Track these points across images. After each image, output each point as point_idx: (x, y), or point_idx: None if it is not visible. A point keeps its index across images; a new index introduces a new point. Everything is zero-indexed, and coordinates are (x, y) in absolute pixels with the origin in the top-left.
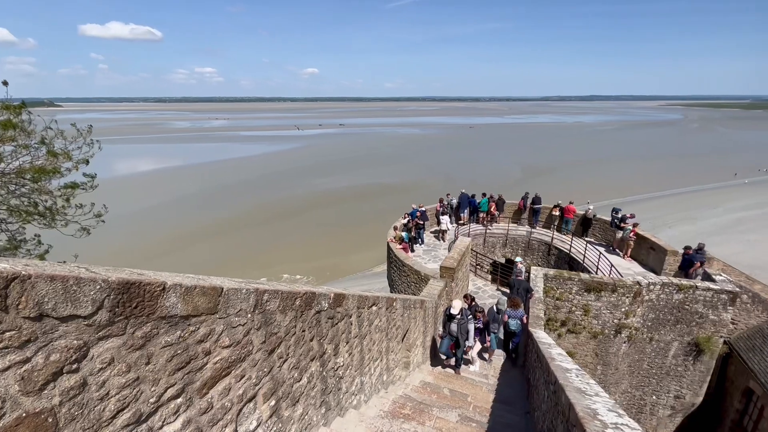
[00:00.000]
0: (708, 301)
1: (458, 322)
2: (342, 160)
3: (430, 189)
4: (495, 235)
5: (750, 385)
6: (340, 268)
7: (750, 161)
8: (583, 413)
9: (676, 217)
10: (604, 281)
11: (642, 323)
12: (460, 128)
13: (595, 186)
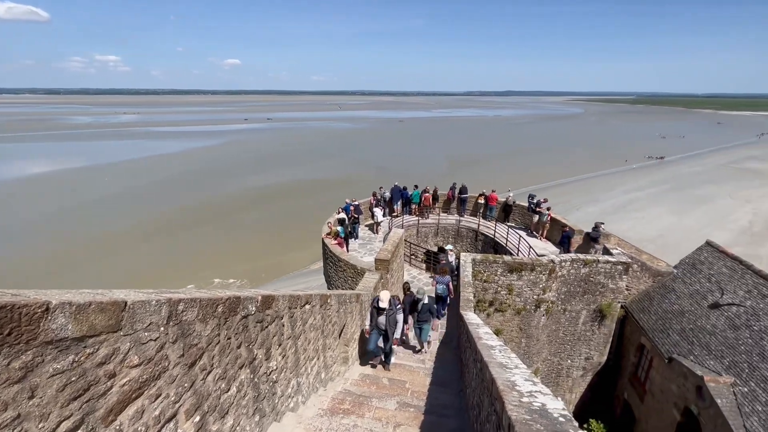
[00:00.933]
0: (607, 272)
1: (387, 314)
2: (272, 156)
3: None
4: (427, 225)
5: (642, 341)
6: (277, 268)
7: (637, 149)
8: (504, 386)
9: (582, 200)
10: (524, 262)
11: (557, 297)
12: (390, 122)
13: (514, 174)
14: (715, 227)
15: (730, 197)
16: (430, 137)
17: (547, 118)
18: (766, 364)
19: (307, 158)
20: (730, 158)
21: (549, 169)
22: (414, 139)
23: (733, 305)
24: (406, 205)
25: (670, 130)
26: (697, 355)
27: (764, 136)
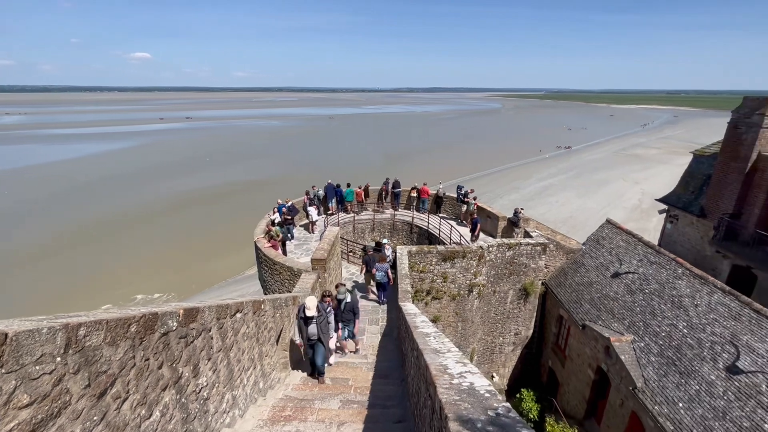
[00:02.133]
0: (529, 253)
1: (317, 322)
2: (195, 157)
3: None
4: (363, 221)
5: (560, 313)
6: (208, 276)
7: (548, 140)
8: (436, 371)
9: (505, 189)
10: (456, 250)
11: (487, 280)
12: (320, 119)
13: (443, 167)
14: (613, 207)
15: (623, 180)
16: (362, 133)
17: (471, 113)
18: (656, 321)
19: (235, 159)
20: (621, 146)
21: (475, 160)
22: (345, 135)
23: (629, 273)
24: (340, 202)
25: (574, 123)
26: (604, 320)
27: (646, 126)
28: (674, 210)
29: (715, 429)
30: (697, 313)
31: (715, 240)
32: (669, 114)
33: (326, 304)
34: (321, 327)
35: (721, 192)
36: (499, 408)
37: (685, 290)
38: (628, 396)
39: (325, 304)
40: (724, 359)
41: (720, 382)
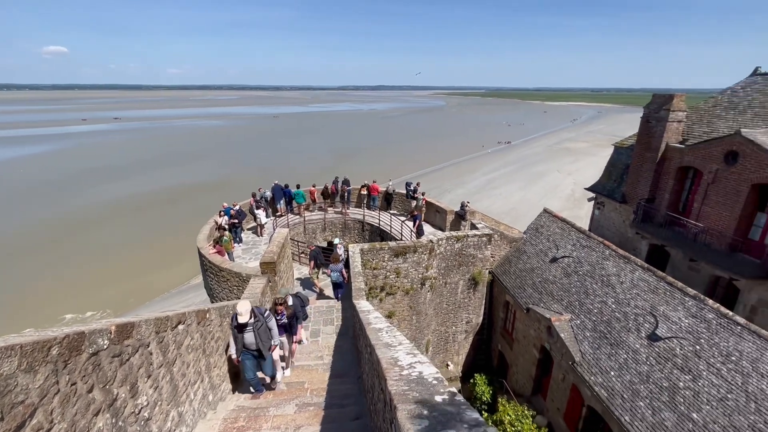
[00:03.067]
0: (476, 245)
1: (254, 328)
2: (127, 161)
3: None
4: (313, 221)
5: (507, 299)
6: (148, 289)
7: (490, 135)
8: (387, 364)
9: (452, 184)
10: (407, 245)
11: (438, 272)
12: (264, 118)
13: (392, 164)
14: (549, 197)
15: (557, 172)
16: (309, 132)
17: (417, 111)
18: (589, 299)
19: (173, 161)
20: (554, 140)
21: (423, 157)
22: (292, 134)
23: (565, 257)
24: (289, 203)
25: (512, 119)
26: (545, 302)
27: (575, 122)
28: (601, 197)
29: (641, 391)
30: (622, 290)
31: (634, 223)
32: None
33: (263, 309)
34: (260, 335)
35: (637, 180)
36: (445, 393)
37: (612, 270)
38: (569, 370)
39: (261, 308)
40: (645, 329)
41: (643, 350)
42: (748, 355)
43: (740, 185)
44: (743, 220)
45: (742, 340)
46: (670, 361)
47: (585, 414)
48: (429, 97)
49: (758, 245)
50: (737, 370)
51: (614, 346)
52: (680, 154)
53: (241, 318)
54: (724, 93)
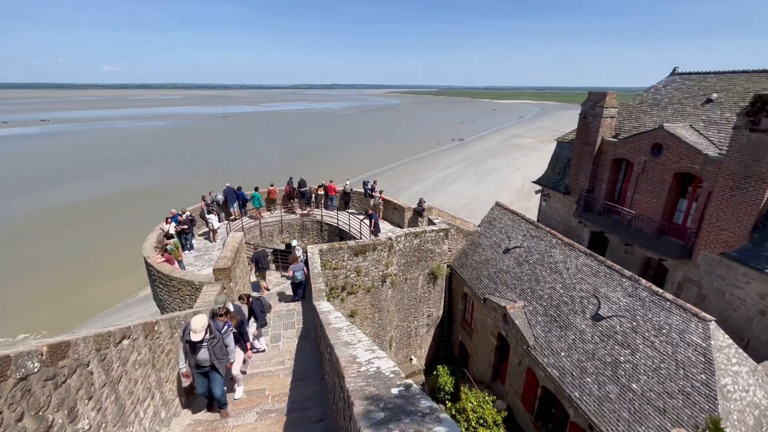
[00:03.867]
0: (434, 240)
1: (209, 345)
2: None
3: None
4: (270, 223)
5: (465, 290)
6: (91, 305)
7: (444, 133)
8: (346, 362)
9: (409, 181)
10: (367, 244)
11: (398, 269)
12: (213, 118)
13: (349, 164)
14: (501, 191)
15: (508, 167)
16: (261, 132)
17: (372, 110)
18: (539, 286)
19: (113, 166)
20: (504, 136)
21: (379, 155)
22: (243, 135)
23: (517, 248)
24: (243, 206)
25: (465, 117)
26: (500, 291)
27: (522, 119)
28: (546, 190)
29: (588, 368)
30: (568, 275)
31: (577, 212)
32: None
33: (221, 323)
34: (214, 351)
35: (578, 172)
36: (401, 386)
37: (559, 257)
38: (524, 354)
39: (219, 323)
40: (590, 310)
41: (588, 329)
42: (677, 327)
43: (665, 174)
44: (668, 205)
45: (671, 315)
46: (612, 338)
47: (540, 394)
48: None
49: (681, 228)
50: (668, 342)
51: (563, 328)
52: (614, 147)
53: (195, 336)
54: (649, 91)
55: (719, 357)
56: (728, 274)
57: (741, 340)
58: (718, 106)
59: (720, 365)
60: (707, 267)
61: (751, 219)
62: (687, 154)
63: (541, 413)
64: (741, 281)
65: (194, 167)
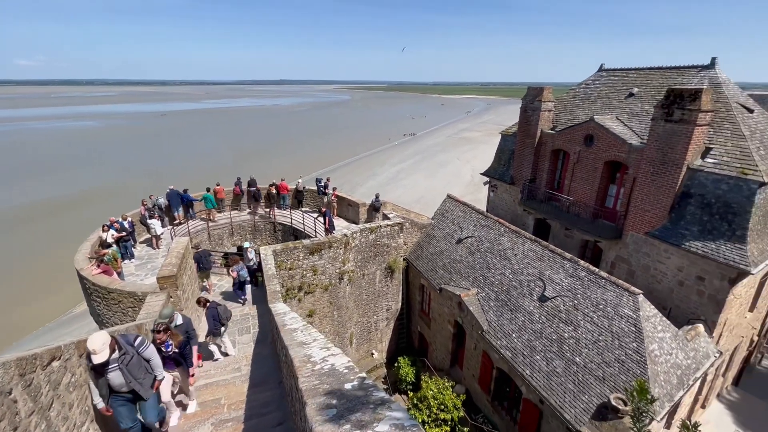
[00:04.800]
0: (389, 234)
1: (121, 365)
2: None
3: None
4: (219, 226)
5: (421, 282)
6: (16, 328)
7: (396, 128)
8: (300, 362)
9: (363, 177)
10: (322, 242)
11: (355, 265)
12: (150, 117)
13: (301, 161)
14: (453, 184)
15: (458, 160)
16: (206, 131)
17: (322, 105)
18: (491, 273)
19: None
20: (453, 130)
21: (332, 152)
22: (185, 134)
23: (468, 237)
24: (188, 209)
25: (415, 112)
26: (455, 281)
27: (469, 113)
28: (494, 181)
29: (537, 346)
30: (516, 261)
31: (521, 201)
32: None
33: (131, 336)
34: (131, 372)
35: (521, 163)
36: (354, 380)
37: (507, 244)
38: (479, 339)
39: (130, 335)
40: (536, 292)
41: (536, 311)
42: (611, 302)
43: (596, 163)
44: (600, 191)
45: (606, 291)
46: (557, 317)
47: (495, 375)
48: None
49: (612, 212)
50: (604, 316)
51: (513, 311)
52: (552, 139)
53: (97, 357)
54: (580, 86)
55: (647, 326)
56: (652, 251)
57: (664, 309)
58: (639, 100)
59: (648, 333)
60: (635, 246)
61: (669, 201)
62: (614, 143)
63: (497, 393)
64: (662, 257)
65: (132, 170)
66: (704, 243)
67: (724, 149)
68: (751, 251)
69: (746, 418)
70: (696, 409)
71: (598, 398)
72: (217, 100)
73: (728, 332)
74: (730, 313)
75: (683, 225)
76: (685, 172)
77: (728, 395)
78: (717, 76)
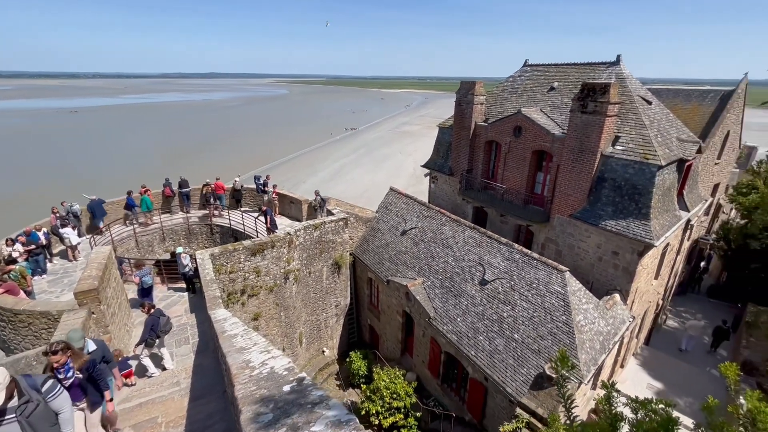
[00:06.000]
0: (334, 230)
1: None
2: None
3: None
4: (148, 232)
5: (369, 275)
6: None
7: (336, 123)
8: (237, 369)
9: (305, 173)
10: (264, 242)
11: (300, 263)
12: (57, 114)
13: (239, 159)
14: (396, 177)
15: (400, 153)
16: (127, 129)
17: (259, 100)
18: (435, 262)
19: None
20: (394, 124)
21: (272, 148)
22: (103, 133)
23: (412, 229)
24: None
25: (356, 106)
26: (401, 272)
27: (409, 107)
28: (434, 172)
29: (479, 327)
30: (458, 248)
31: (460, 191)
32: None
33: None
34: (31, 425)
35: (458, 154)
36: (293, 381)
37: (449, 233)
38: (426, 326)
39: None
40: (477, 277)
41: (477, 294)
42: (543, 280)
43: (525, 152)
44: (530, 179)
45: (538, 271)
46: (496, 298)
47: (443, 359)
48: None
49: (541, 197)
50: (538, 294)
51: (457, 297)
52: (485, 131)
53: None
54: (508, 80)
55: (573, 300)
56: (575, 231)
57: (587, 283)
58: (559, 93)
59: (574, 306)
60: (561, 227)
61: (587, 185)
62: (540, 134)
63: (446, 376)
64: (584, 236)
65: (40, 175)
66: (617, 221)
67: (629, 137)
68: (653, 226)
69: (657, 371)
70: (616, 369)
71: (535, 369)
72: (139, 94)
73: (639, 299)
74: (639, 282)
75: (600, 206)
76: (599, 158)
77: (641, 353)
78: (622, 71)
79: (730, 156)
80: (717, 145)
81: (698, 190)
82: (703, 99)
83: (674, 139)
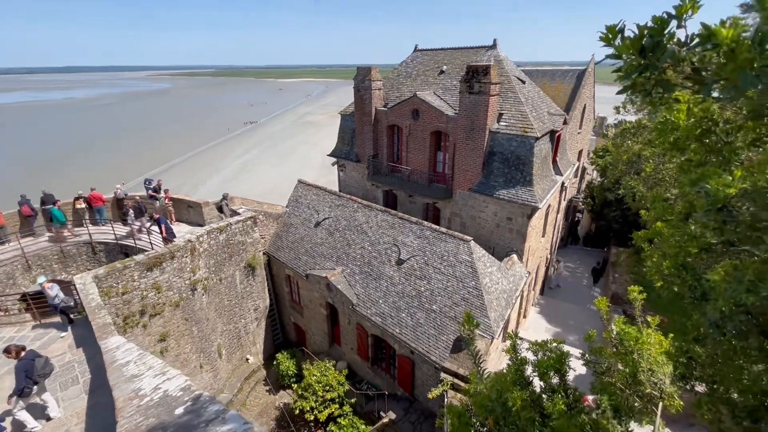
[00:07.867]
0: (242, 230)
1: None
2: None
3: None
4: (4, 261)
5: (286, 272)
6: None
7: (234, 117)
8: (124, 402)
9: (205, 173)
10: (161, 253)
11: (208, 271)
12: None
13: (121, 164)
14: (304, 168)
15: (305, 144)
16: None
17: (137, 96)
18: (352, 249)
19: None
20: (296, 115)
21: (162, 149)
22: None
23: (326, 219)
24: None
25: (253, 98)
26: (320, 264)
27: (310, 97)
28: (341, 161)
29: (401, 305)
30: (372, 233)
31: (369, 176)
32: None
33: None
34: None
35: (363, 140)
36: (188, 401)
37: (363, 219)
38: (351, 313)
39: None
40: (393, 257)
41: (395, 274)
42: (452, 252)
43: (424, 134)
44: (431, 159)
45: (447, 243)
46: (413, 275)
47: (371, 342)
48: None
49: (443, 175)
50: (449, 265)
51: (377, 280)
52: (386, 116)
53: None
54: (401, 65)
55: (479, 265)
56: (475, 203)
57: (489, 248)
58: (449, 76)
59: (480, 270)
60: (462, 201)
61: (480, 160)
62: (435, 116)
63: (375, 358)
64: (482, 206)
65: None
66: (508, 190)
67: (510, 114)
68: (536, 191)
69: (552, 316)
70: (520, 320)
71: (453, 335)
72: None
73: (531, 256)
74: (531, 241)
75: (492, 178)
76: (488, 134)
77: (539, 303)
78: (499, 54)
79: (588, 126)
80: (578, 117)
81: (567, 156)
82: (564, 77)
83: (545, 113)
